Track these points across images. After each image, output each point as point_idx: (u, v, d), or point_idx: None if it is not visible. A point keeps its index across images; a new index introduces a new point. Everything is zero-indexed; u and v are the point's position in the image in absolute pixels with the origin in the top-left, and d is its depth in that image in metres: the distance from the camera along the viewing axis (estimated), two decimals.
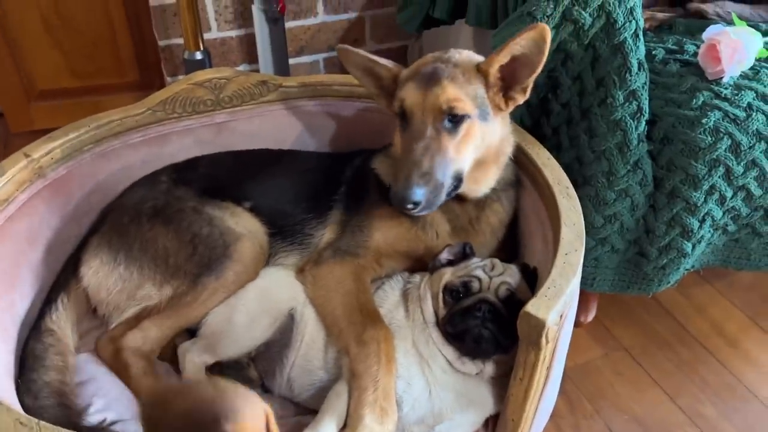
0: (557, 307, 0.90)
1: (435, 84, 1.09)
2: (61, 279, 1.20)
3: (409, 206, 1.05)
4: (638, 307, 1.73)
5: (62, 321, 1.14)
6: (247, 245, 1.20)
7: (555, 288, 0.92)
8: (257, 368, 1.15)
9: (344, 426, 0.99)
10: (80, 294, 1.20)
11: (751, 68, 1.36)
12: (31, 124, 2.26)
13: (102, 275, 1.18)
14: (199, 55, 1.88)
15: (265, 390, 1.15)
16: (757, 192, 1.30)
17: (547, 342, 0.90)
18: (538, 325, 0.87)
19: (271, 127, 1.48)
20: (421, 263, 1.20)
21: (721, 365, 1.58)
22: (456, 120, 1.08)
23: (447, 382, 1.04)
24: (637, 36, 1.22)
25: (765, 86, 1.30)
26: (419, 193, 1.04)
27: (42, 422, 0.78)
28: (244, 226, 1.23)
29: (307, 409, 1.12)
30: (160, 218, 1.21)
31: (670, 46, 1.46)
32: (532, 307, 0.88)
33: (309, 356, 1.12)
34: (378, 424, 0.97)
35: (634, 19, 1.21)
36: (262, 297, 1.17)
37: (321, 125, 1.51)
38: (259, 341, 1.13)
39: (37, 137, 1.27)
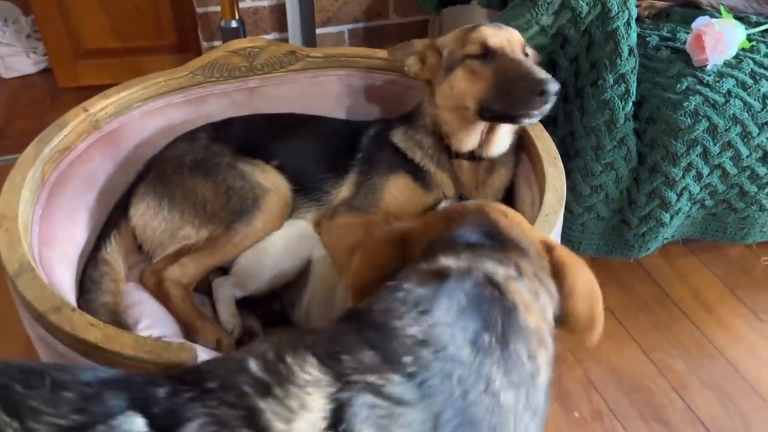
0: None
1: (507, 27, 1.26)
2: (113, 218, 1.39)
3: (555, 88, 1.15)
4: (625, 272, 1.89)
5: (115, 253, 1.33)
6: (274, 198, 1.37)
7: None
8: (280, 302, 1.34)
9: None
10: (128, 232, 1.39)
11: (736, 57, 1.49)
12: (77, 80, 2.45)
13: (148, 217, 1.37)
14: (234, 24, 2.03)
15: (286, 321, 1.35)
16: (732, 171, 1.45)
17: None
18: None
19: (298, 94, 1.64)
20: None
21: (695, 327, 1.74)
22: (526, 54, 1.25)
23: None
24: (629, 24, 1.35)
25: (745, 74, 1.43)
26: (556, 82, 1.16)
27: (108, 325, 0.98)
28: (271, 182, 1.40)
29: None
30: (200, 170, 1.39)
31: (664, 33, 1.59)
32: None
33: (322, 293, 1.30)
34: None
35: (627, 9, 1.34)
36: (286, 243, 1.35)
37: (343, 94, 1.67)
38: (283, 280, 1.32)
39: (82, 93, 1.45)
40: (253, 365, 0.62)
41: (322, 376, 0.60)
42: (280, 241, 1.36)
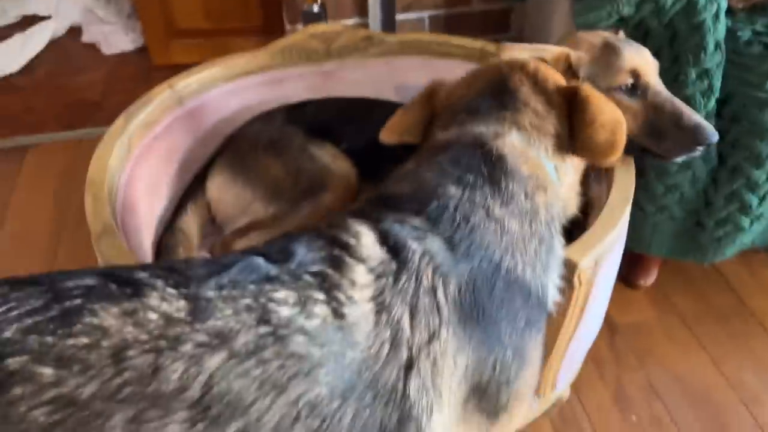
0: (592, 253, 1.04)
1: (644, 48, 1.22)
2: (191, 190, 1.47)
3: (716, 139, 1.12)
4: (702, 278, 1.81)
5: (190, 223, 1.41)
6: (340, 181, 1.41)
7: (593, 237, 1.06)
8: None
9: None
10: (204, 204, 1.47)
11: None
12: (169, 58, 2.58)
13: (223, 191, 1.44)
14: (316, 8, 2.08)
15: None
16: None
17: (580, 284, 1.05)
18: (571, 266, 1.02)
19: (373, 79, 1.67)
20: None
21: None
22: None
23: None
24: (717, 17, 1.28)
25: None
26: None
27: None
28: (339, 165, 1.44)
29: None
30: (273, 150, 1.44)
31: (758, 28, 1.49)
32: (569, 250, 1.04)
33: None
34: None
35: (716, 0, 1.28)
36: None
37: (417, 80, 1.67)
38: None
39: (173, 71, 1.53)
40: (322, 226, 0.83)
41: (363, 222, 0.81)
42: None
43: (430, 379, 0.74)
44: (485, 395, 0.80)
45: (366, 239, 0.78)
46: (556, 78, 1.03)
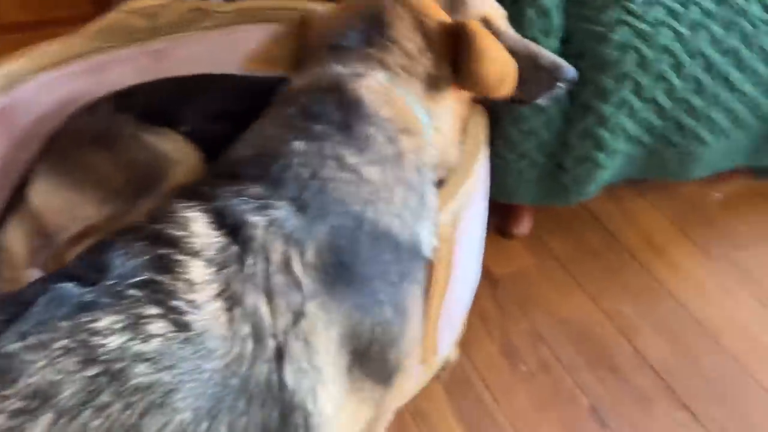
0: (449, 208, 0.99)
1: None
2: (11, 202, 1.28)
3: (575, 76, 1.09)
4: (574, 219, 1.84)
5: (13, 239, 1.24)
6: (182, 170, 1.27)
7: (447, 191, 1.01)
8: None
9: None
10: (29, 215, 1.29)
11: None
12: None
13: (48, 197, 1.26)
14: None
15: None
16: (666, 104, 1.38)
17: (440, 241, 1.00)
18: None
19: (211, 54, 1.53)
20: None
21: (645, 270, 1.70)
22: None
23: None
24: None
25: (674, 1, 1.35)
26: None
27: None
28: (180, 151, 1.30)
29: None
30: (101, 143, 1.28)
31: None
32: None
33: None
34: None
35: None
36: None
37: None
38: None
39: None
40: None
41: (192, 205, 0.70)
42: None
43: (306, 360, 0.66)
44: (369, 360, 0.72)
45: (196, 226, 0.67)
46: (439, 14, 0.95)
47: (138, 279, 0.61)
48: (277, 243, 0.66)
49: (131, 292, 0.60)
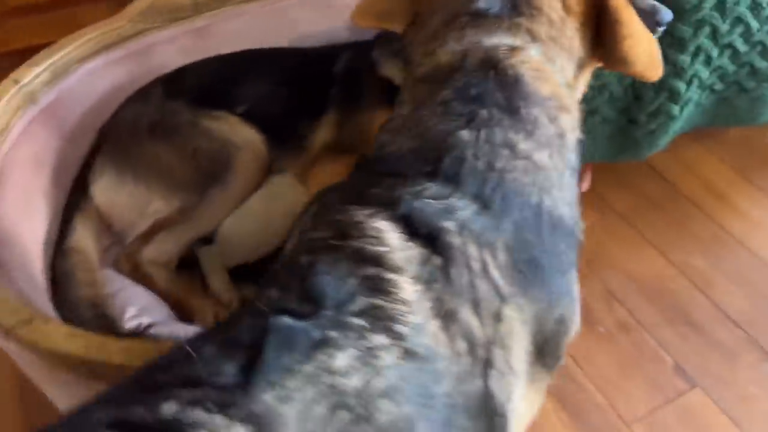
0: None
1: None
2: (73, 200, 1.24)
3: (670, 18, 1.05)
4: (631, 173, 1.78)
5: (83, 239, 1.19)
6: (247, 155, 1.23)
7: None
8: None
9: None
10: (94, 213, 1.24)
11: None
12: (7, 44, 2.20)
13: (112, 193, 1.22)
14: None
15: None
16: (742, 48, 1.31)
17: None
18: None
19: (255, 28, 1.45)
20: None
21: (711, 220, 1.66)
22: None
23: None
24: None
25: None
26: None
27: (89, 333, 0.86)
28: (241, 136, 1.25)
29: None
30: (159, 133, 1.23)
31: None
32: None
33: None
34: None
35: None
36: (270, 204, 1.22)
37: (307, 20, 1.48)
38: (274, 243, 1.20)
39: (17, 60, 1.26)
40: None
41: (374, 212, 0.62)
42: (263, 201, 1.23)
43: (505, 363, 0.62)
44: (547, 350, 0.68)
45: (391, 238, 0.60)
46: None
47: (357, 306, 0.55)
48: (472, 248, 0.61)
49: (355, 321, 0.54)
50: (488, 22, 0.74)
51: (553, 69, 0.75)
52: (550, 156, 0.69)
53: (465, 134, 0.67)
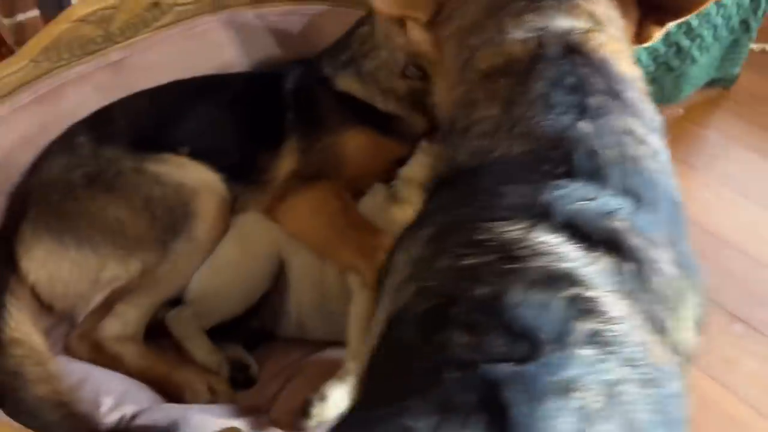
0: None
1: None
2: (1, 281, 1.02)
3: None
4: None
5: (22, 326, 0.99)
6: (207, 198, 1.08)
7: None
8: (260, 317, 1.09)
9: None
10: (28, 291, 1.04)
11: None
12: None
13: (51, 265, 1.02)
14: None
15: (272, 337, 1.10)
16: (673, 29, 1.37)
17: None
18: None
19: (176, 55, 1.29)
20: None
21: None
22: None
23: None
24: None
25: None
26: None
27: None
28: (196, 177, 1.10)
29: (318, 343, 1.08)
30: (99, 186, 1.05)
31: None
32: None
33: (311, 296, 1.06)
34: None
35: None
36: (243, 247, 1.08)
37: (231, 42, 1.35)
38: (253, 292, 1.06)
39: None
40: None
41: (535, 224, 0.53)
42: (233, 246, 1.09)
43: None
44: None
45: (567, 251, 0.52)
46: None
47: (579, 335, 0.46)
48: (650, 248, 0.53)
49: (585, 352, 0.45)
50: (546, 6, 0.68)
51: (622, 48, 0.69)
52: (659, 138, 0.64)
53: (584, 126, 0.60)
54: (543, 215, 0.53)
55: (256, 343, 1.10)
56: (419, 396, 0.43)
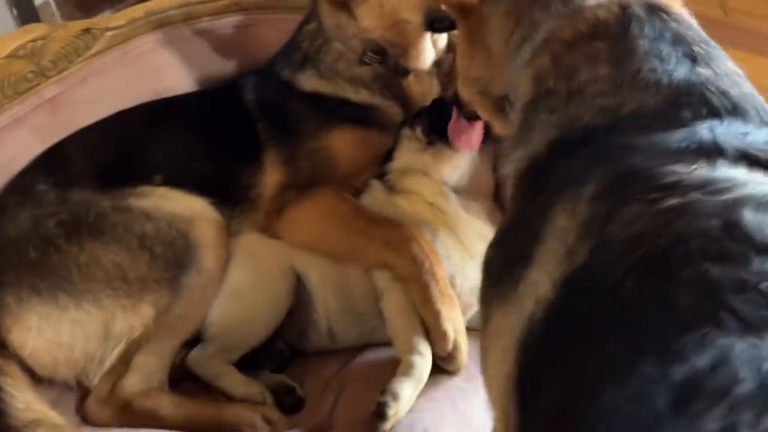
0: None
1: None
2: None
3: None
4: None
5: (35, 405, 0.86)
6: (204, 225, 1.01)
7: None
8: (283, 339, 1.02)
9: None
10: (19, 369, 0.90)
11: None
12: None
13: (50, 331, 0.90)
14: None
15: (301, 354, 1.04)
16: None
17: None
18: None
19: (114, 84, 1.19)
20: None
21: None
22: None
23: (475, 229, 1.03)
24: None
25: None
26: None
27: None
28: (184, 206, 1.02)
29: (350, 351, 1.04)
30: (83, 233, 0.94)
31: None
32: None
33: (337, 302, 1.02)
34: (452, 311, 0.95)
35: None
36: (255, 269, 1.02)
37: (169, 62, 1.25)
38: (280, 312, 1.00)
39: None
40: None
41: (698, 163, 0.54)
42: (243, 271, 1.02)
43: None
44: None
45: (758, 177, 0.52)
46: None
47: None
48: None
49: None
50: None
51: (679, 4, 0.75)
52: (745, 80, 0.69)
53: (704, 71, 0.63)
54: (716, 152, 0.54)
55: (284, 365, 1.03)
56: (703, 323, 0.42)
